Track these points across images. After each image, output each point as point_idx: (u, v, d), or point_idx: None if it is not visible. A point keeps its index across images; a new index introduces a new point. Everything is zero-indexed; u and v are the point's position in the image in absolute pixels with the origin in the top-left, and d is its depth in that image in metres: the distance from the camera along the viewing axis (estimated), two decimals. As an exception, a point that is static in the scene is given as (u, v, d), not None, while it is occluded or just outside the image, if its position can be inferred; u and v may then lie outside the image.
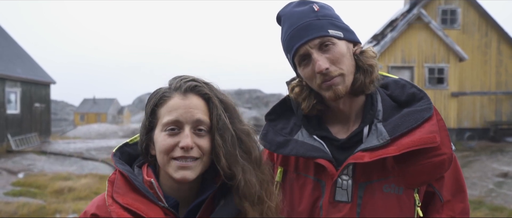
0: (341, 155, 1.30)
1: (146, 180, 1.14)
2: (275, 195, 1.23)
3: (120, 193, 1.08)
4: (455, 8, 18.25)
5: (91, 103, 79.12)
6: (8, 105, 19.62)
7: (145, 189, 1.11)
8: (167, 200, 1.13)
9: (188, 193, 1.17)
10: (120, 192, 1.08)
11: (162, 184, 1.16)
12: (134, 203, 1.06)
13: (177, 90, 1.15)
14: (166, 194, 1.15)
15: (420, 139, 1.19)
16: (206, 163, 1.14)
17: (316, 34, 1.25)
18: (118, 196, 1.07)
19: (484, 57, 18.60)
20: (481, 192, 9.20)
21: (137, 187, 1.09)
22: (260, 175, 1.18)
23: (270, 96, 61.22)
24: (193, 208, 1.14)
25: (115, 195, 1.07)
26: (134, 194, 1.09)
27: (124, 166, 1.15)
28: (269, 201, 1.17)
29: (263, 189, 1.17)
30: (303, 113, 1.39)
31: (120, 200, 1.06)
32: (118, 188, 1.09)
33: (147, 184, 1.13)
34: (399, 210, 1.24)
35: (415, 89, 1.34)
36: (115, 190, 1.08)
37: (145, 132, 1.18)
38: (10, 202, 9.16)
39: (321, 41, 1.25)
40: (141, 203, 1.07)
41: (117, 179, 1.11)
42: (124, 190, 1.09)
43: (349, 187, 1.26)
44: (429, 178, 1.23)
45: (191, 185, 1.16)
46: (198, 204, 1.15)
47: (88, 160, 16.19)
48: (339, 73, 1.26)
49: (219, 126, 1.13)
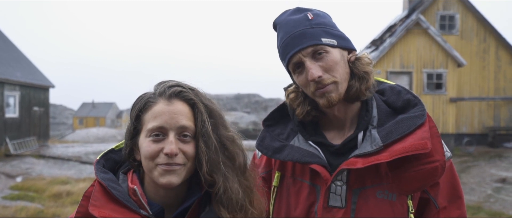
0: (335, 160, 1.31)
1: (130, 187, 1.12)
2: (260, 202, 1.22)
3: (97, 206, 1.04)
4: (454, 14, 18.33)
5: (90, 107, 79.10)
6: (7, 109, 19.59)
7: (125, 198, 1.08)
8: (151, 206, 1.11)
9: (173, 200, 1.16)
10: (97, 204, 1.04)
11: (147, 191, 1.15)
12: (111, 214, 1.03)
13: (161, 95, 1.13)
14: (151, 201, 1.13)
15: (411, 146, 1.20)
16: (190, 169, 1.13)
17: (309, 43, 1.26)
18: (94, 209, 1.03)
19: (483, 63, 18.66)
20: (480, 198, 9.20)
21: (116, 197, 1.06)
22: (244, 182, 1.17)
23: (269, 101, 61.25)
24: (178, 214, 1.13)
25: (91, 208, 1.03)
26: (112, 204, 1.06)
27: (105, 175, 1.12)
28: (252, 208, 1.17)
29: (247, 196, 1.16)
30: (298, 119, 1.40)
31: (96, 213, 1.02)
32: (95, 200, 1.05)
33: (131, 191, 1.12)
34: (392, 217, 1.25)
35: (410, 95, 1.35)
36: (92, 202, 1.05)
37: (130, 137, 1.17)
38: (8, 206, 9.13)
39: (314, 49, 1.27)
40: (120, 214, 1.04)
41: (95, 190, 1.07)
42: (102, 201, 1.06)
43: (343, 192, 1.27)
44: (422, 184, 1.23)
45: (176, 191, 1.15)
46: (183, 210, 1.13)
47: (87, 164, 16.14)
48: (332, 81, 1.27)
49: (202, 132, 1.12)
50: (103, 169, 1.16)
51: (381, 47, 16.89)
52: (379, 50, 16.73)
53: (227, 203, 1.12)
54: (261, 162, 1.49)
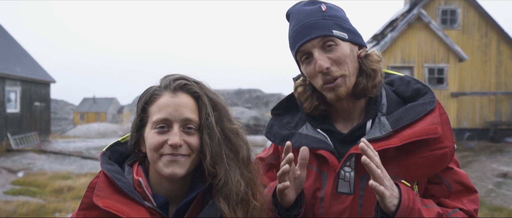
0: (344, 148, 1.31)
1: (135, 179, 1.14)
2: (263, 195, 1.23)
3: (101, 196, 1.06)
4: (455, 9, 18.25)
5: (91, 102, 79.14)
6: (8, 104, 19.61)
7: (129, 189, 1.10)
8: (156, 198, 1.13)
9: (178, 192, 1.17)
10: (101, 194, 1.06)
11: (152, 183, 1.16)
12: (115, 205, 1.05)
13: (167, 88, 1.16)
14: (156, 193, 1.15)
15: (421, 130, 1.20)
16: (194, 161, 1.15)
17: (319, 33, 1.26)
18: (99, 199, 1.05)
19: (484, 58, 18.61)
20: (481, 193, 9.21)
21: (121, 188, 1.08)
22: (247, 175, 1.19)
23: (270, 96, 61.21)
24: (182, 206, 1.15)
25: (96, 199, 1.05)
26: (117, 195, 1.07)
27: (110, 166, 1.14)
28: (254, 201, 1.18)
29: (249, 189, 1.18)
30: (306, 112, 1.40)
31: (100, 203, 1.04)
32: (100, 190, 1.07)
33: (136, 183, 1.14)
34: None
35: (419, 84, 1.35)
36: (97, 193, 1.06)
37: (136, 129, 1.19)
38: (10, 201, 9.16)
39: (323, 40, 1.26)
40: (124, 205, 1.06)
41: (100, 181, 1.09)
42: (107, 192, 1.07)
43: (351, 179, 1.27)
44: (430, 170, 1.24)
45: (180, 184, 1.17)
46: (188, 202, 1.15)
47: (88, 159, 16.18)
48: (341, 74, 1.26)
49: (206, 124, 1.14)
50: (108, 160, 1.18)
51: (382, 42, 16.84)
52: (381, 45, 16.68)
53: (227, 195, 1.13)
54: (270, 150, 1.50)
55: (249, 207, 1.17)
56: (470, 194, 1.30)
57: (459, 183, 1.29)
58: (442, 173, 1.28)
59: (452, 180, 1.29)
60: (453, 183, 1.29)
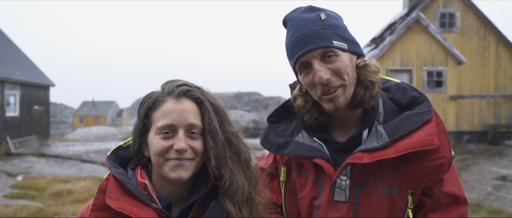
0: (340, 157, 1.31)
1: (140, 182, 1.18)
2: (263, 193, 1.27)
3: (113, 198, 1.10)
4: (454, 12, 18.30)
5: (90, 106, 79.04)
6: (7, 108, 19.59)
7: (138, 191, 1.13)
8: (160, 201, 1.17)
9: (180, 194, 1.21)
10: (113, 196, 1.10)
11: (155, 186, 1.20)
12: (127, 206, 1.09)
13: (170, 94, 1.18)
14: (159, 195, 1.18)
15: (418, 142, 1.20)
16: (198, 164, 1.19)
17: (319, 44, 1.24)
18: (111, 201, 1.09)
19: (483, 61, 18.64)
20: (480, 195, 9.21)
21: (130, 190, 1.12)
22: (249, 174, 1.22)
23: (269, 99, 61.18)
24: (185, 208, 1.18)
25: (108, 200, 1.09)
26: (127, 197, 1.11)
27: (118, 169, 1.18)
28: (258, 197, 1.22)
29: (252, 187, 1.21)
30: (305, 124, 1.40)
31: (113, 205, 1.08)
32: (111, 192, 1.11)
33: (141, 186, 1.17)
34: (390, 211, 1.26)
35: (416, 92, 1.35)
36: (108, 195, 1.10)
37: (138, 134, 1.21)
38: (9, 204, 9.15)
39: (324, 51, 1.25)
40: (134, 206, 1.10)
41: (110, 184, 1.13)
42: (117, 194, 1.11)
43: (347, 187, 1.27)
44: (427, 180, 1.24)
45: (183, 186, 1.20)
46: (190, 204, 1.19)
47: (87, 162, 16.16)
48: (340, 83, 1.26)
49: (210, 129, 1.17)
50: (114, 164, 1.21)
51: (381, 45, 16.88)
52: (379, 48, 16.71)
53: (233, 196, 1.16)
54: (269, 159, 1.51)
55: (253, 205, 1.20)
56: (459, 206, 1.29)
57: (448, 196, 1.28)
58: (433, 185, 1.27)
59: (442, 193, 1.28)
60: (443, 195, 1.28)
